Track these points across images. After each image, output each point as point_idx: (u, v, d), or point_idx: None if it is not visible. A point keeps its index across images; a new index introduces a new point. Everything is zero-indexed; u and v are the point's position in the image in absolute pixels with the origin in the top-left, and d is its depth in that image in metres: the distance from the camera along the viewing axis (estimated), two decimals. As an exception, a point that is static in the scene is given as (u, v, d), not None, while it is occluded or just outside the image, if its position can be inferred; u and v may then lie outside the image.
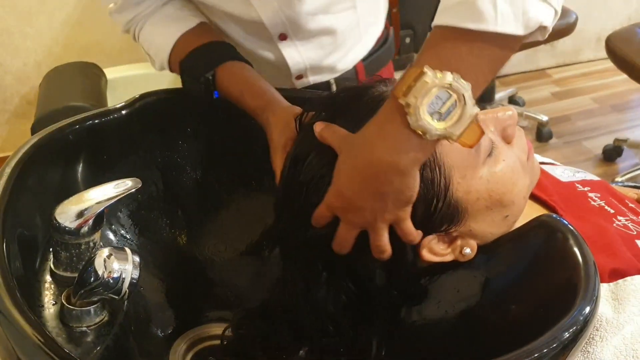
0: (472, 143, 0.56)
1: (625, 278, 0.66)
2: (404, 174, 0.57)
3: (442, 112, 0.54)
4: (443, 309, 0.69)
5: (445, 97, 0.54)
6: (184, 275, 0.83)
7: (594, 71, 3.11)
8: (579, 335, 0.54)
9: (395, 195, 0.59)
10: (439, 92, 0.54)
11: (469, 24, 0.54)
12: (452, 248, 0.66)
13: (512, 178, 0.65)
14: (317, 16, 0.92)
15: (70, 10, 2.19)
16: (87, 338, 0.62)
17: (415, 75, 0.54)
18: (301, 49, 0.94)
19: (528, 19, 0.55)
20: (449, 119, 0.55)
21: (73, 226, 0.63)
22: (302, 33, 0.93)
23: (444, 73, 0.54)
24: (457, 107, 0.54)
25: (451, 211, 0.64)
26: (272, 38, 0.92)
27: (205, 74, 0.83)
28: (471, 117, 0.55)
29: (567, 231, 0.63)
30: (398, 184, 0.58)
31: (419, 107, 0.54)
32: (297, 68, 0.96)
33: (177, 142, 0.86)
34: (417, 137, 0.55)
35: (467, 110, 0.54)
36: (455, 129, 0.55)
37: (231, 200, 0.87)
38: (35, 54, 2.22)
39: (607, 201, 0.79)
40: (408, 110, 0.54)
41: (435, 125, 0.54)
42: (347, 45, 0.98)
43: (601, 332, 0.63)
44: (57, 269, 0.66)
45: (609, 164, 2.49)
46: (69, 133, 0.76)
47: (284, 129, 0.72)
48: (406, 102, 0.54)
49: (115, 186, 0.65)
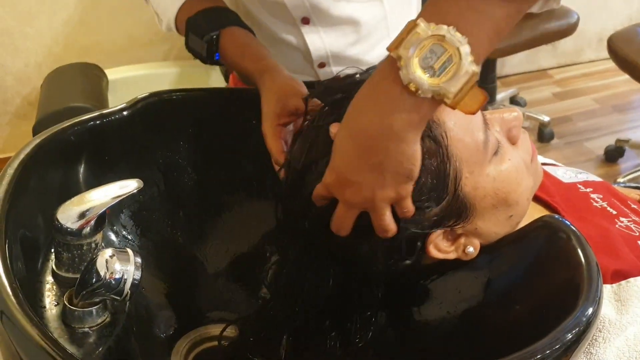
0: (473, 109, 0.52)
1: (629, 279, 0.66)
2: (399, 139, 0.54)
3: (436, 67, 0.51)
4: (445, 309, 0.69)
5: (439, 52, 0.50)
6: (185, 276, 0.83)
7: (595, 71, 3.11)
8: (582, 337, 0.54)
9: (393, 166, 0.55)
10: (432, 46, 0.50)
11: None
12: (455, 246, 0.66)
13: (517, 178, 0.65)
14: (339, 3, 0.92)
15: (71, 10, 2.19)
16: (89, 339, 0.61)
17: (409, 27, 0.51)
18: (323, 35, 0.95)
19: None
20: (444, 75, 0.51)
21: (75, 227, 0.63)
22: (325, 19, 0.93)
23: (439, 26, 0.50)
24: (452, 63, 0.51)
25: (459, 206, 0.63)
26: (295, 21, 0.93)
27: (210, 33, 0.84)
28: (467, 74, 0.51)
29: (570, 232, 0.63)
30: (394, 151, 0.54)
31: (410, 59, 0.50)
32: (318, 54, 0.96)
33: (179, 143, 0.86)
34: (410, 95, 0.51)
35: (462, 66, 0.50)
36: (450, 85, 0.51)
37: (232, 201, 0.87)
38: (36, 55, 2.22)
39: (609, 202, 0.79)
40: (399, 63, 0.51)
41: (428, 81, 0.50)
42: (373, 38, 0.98)
43: (604, 334, 0.62)
44: (59, 269, 0.66)
45: (610, 164, 2.49)
46: (71, 134, 0.76)
47: (281, 99, 0.72)
48: (397, 54, 0.51)
49: (116, 187, 0.65)
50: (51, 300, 0.64)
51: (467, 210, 0.64)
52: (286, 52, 0.96)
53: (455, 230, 0.65)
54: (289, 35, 0.96)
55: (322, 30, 0.94)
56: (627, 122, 2.78)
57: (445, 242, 0.66)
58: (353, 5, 0.93)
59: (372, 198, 0.57)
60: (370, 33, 0.97)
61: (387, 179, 0.56)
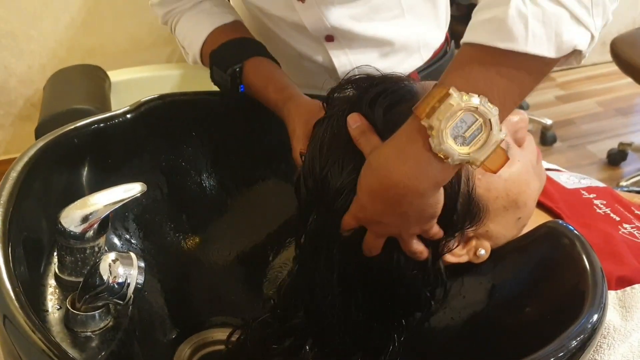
0: (495, 168, 0.54)
1: (634, 286, 0.66)
2: (423, 197, 0.56)
3: (467, 136, 0.52)
4: (449, 315, 0.68)
5: (470, 121, 0.52)
6: (188, 280, 0.83)
7: (598, 75, 3.10)
8: (587, 344, 0.54)
9: (418, 214, 0.58)
10: (464, 116, 0.51)
11: (497, 42, 0.51)
12: (467, 249, 0.66)
13: (526, 179, 0.65)
14: (362, 23, 0.91)
15: (74, 13, 2.19)
16: (92, 343, 0.61)
17: (440, 96, 0.52)
18: (349, 51, 0.94)
19: (561, 41, 0.52)
20: (474, 144, 0.52)
21: (78, 230, 0.63)
22: (349, 37, 0.92)
23: (470, 95, 0.51)
24: (483, 132, 0.52)
25: (473, 208, 0.63)
26: (318, 39, 0.93)
27: (233, 65, 0.84)
28: (497, 142, 0.53)
29: (574, 237, 0.63)
30: (418, 205, 0.57)
31: (443, 130, 0.51)
32: (343, 70, 0.95)
33: (182, 146, 0.86)
34: (439, 161, 0.53)
35: (492, 136, 0.52)
36: (480, 154, 0.53)
37: (236, 204, 0.87)
38: (40, 57, 2.22)
39: (612, 208, 0.79)
40: (431, 132, 0.52)
41: (458, 150, 0.52)
42: (400, 53, 0.97)
43: (608, 340, 0.62)
44: (62, 273, 0.66)
45: (613, 168, 2.48)
46: (74, 137, 0.76)
47: (309, 120, 0.72)
48: (429, 124, 0.52)
49: (120, 190, 0.65)
50: (54, 303, 0.64)
51: (480, 212, 0.64)
52: (311, 69, 0.96)
53: (467, 234, 0.65)
54: (314, 52, 0.95)
55: (347, 47, 0.93)
56: (630, 125, 2.77)
57: (458, 246, 0.66)
58: (376, 24, 0.92)
59: (400, 234, 0.61)
60: (397, 49, 0.96)
61: (412, 222, 0.59)
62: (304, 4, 0.87)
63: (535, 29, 0.51)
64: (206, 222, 0.86)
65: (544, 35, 0.51)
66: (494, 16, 0.52)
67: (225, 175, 0.87)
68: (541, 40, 0.51)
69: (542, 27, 0.51)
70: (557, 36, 0.52)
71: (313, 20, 0.89)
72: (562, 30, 0.52)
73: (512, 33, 0.51)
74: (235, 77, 0.84)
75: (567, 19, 0.51)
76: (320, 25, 0.90)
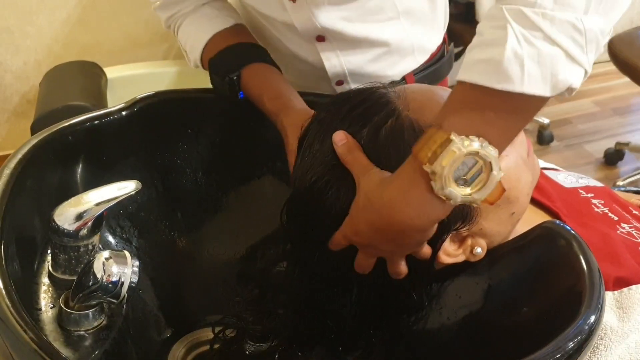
0: (492, 200, 0.56)
1: (631, 287, 0.65)
2: (422, 231, 0.58)
3: (468, 178, 0.53)
4: (445, 315, 0.68)
5: (471, 164, 0.53)
6: (183, 279, 0.82)
7: (595, 74, 3.08)
8: (584, 345, 0.54)
9: (413, 243, 0.61)
10: (465, 159, 0.53)
11: (494, 84, 0.52)
12: (463, 248, 0.66)
13: (516, 174, 0.65)
14: (354, 24, 0.90)
15: (70, 9, 2.18)
16: (85, 342, 0.61)
17: (441, 141, 0.53)
18: (340, 53, 0.93)
19: (557, 80, 0.52)
20: (475, 185, 0.54)
21: (72, 228, 0.63)
22: (340, 38, 0.91)
23: (471, 140, 0.52)
24: (483, 173, 0.54)
25: (464, 208, 0.63)
26: (310, 39, 0.92)
27: (231, 74, 0.83)
28: (496, 182, 0.54)
29: (571, 237, 0.63)
30: (415, 237, 0.59)
31: (446, 176, 0.53)
32: (334, 71, 0.95)
33: (177, 143, 0.85)
34: (441, 202, 0.55)
35: (493, 177, 0.54)
36: (480, 194, 0.54)
37: (231, 202, 0.87)
38: (36, 53, 2.21)
39: (610, 208, 0.79)
40: (433, 177, 0.53)
41: (460, 193, 0.54)
42: (394, 55, 0.96)
43: (605, 341, 0.62)
44: (56, 271, 0.65)
45: (610, 167, 2.48)
46: (69, 134, 0.75)
47: (297, 135, 0.71)
48: (432, 170, 0.53)
49: (114, 188, 0.64)
50: (47, 302, 0.64)
51: (471, 211, 0.64)
52: (304, 69, 0.95)
53: (461, 233, 0.65)
54: (305, 52, 0.94)
55: (339, 47, 0.93)
56: (627, 125, 2.77)
57: (453, 246, 0.66)
58: (369, 25, 0.91)
59: (391, 257, 0.63)
60: (391, 51, 0.95)
61: (405, 248, 0.61)
62: (294, 4, 0.86)
63: (531, 70, 0.51)
64: (201, 221, 0.85)
65: (540, 75, 0.51)
66: (491, 57, 0.52)
67: (221, 173, 0.87)
68: (537, 81, 0.51)
69: (538, 67, 0.51)
70: (553, 76, 0.52)
71: (303, 20, 0.88)
72: (558, 70, 0.52)
73: (508, 74, 0.51)
74: (233, 85, 0.84)
75: (563, 58, 0.52)
76: (310, 26, 0.89)
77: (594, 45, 0.53)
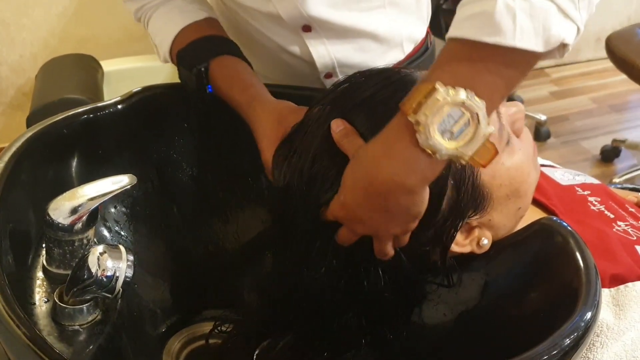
0: (484, 162, 0.53)
1: (627, 284, 0.65)
2: (411, 193, 0.55)
3: (454, 131, 0.52)
4: (441, 311, 0.68)
5: (457, 116, 0.51)
6: (178, 273, 0.82)
7: (592, 71, 3.11)
8: (580, 342, 0.54)
9: (403, 212, 0.57)
10: (451, 110, 0.51)
11: (485, 37, 0.51)
12: (470, 239, 0.66)
13: (527, 168, 0.65)
14: (341, 11, 0.89)
15: (67, 2, 2.18)
16: (80, 337, 0.61)
17: (427, 91, 0.51)
18: (327, 42, 0.92)
19: (549, 35, 0.51)
20: (461, 139, 0.52)
21: (66, 222, 0.63)
22: (327, 27, 0.90)
23: (457, 90, 0.51)
24: (470, 126, 0.52)
25: (477, 196, 0.63)
26: (296, 30, 0.90)
27: (198, 65, 0.81)
28: (484, 137, 0.52)
29: (568, 234, 0.63)
30: (404, 202, 0.56)
31: (430, 125, 0.51)
32: (322, 62, 0.93)
33: (174, 138, 0.85)
34: (427, 156, 0.52)
35: (480, 130, 0.52)
36: (467, 149, 0.52)
37: (228, 197, 0.86)
38: (32, 46, 2.20)
39: (607, 205, 0.79)
40: (418, 128, 0.51)
41: (446, 145, 0.51)
42: (383, 45, 0.95)
43: (602, 338, 0.62)
44: (50, 265, 0.65)
45: (606, 164, 2.49)
46: (63, 127, 0.75)
47: (281, 121, 0.71)
48: (416, 119, 0.51)
49: (109, 182, 0.64)
50: (41, 296, 0.63)
51: (484, 200, 0.63)
52: (290, 61, 0.93)
53: (470, 223, 0.65)
54: (291, 44, 0.92)
55: (326, 37, 0.91)
56: (624, 122, 2.78)
57: (461, 236, 0.65)
58: (355, 14, 0.90)
59: (378, 233, 0.60)
60: (378, 41, 0.94)
61: (395, 220, 0.58)
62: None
63: (523, 23, 0.50)
64: (197, 215, 0.85)
65: (532, 29, 0.51)
66: (482, 10, 0.51)
67: (217, 167, 0.86)
68: (529, 35, 0.51)
69: (530, 21, 0.50)
70: (545, 30, 0.51)
71: (289, 9, 0.86)
72: (550, 24, 0.51)
73: (499, 27, 0.50)
74: (200, 77, 0.81)
75: (555, 12, 0.51)
76: (296, 14, 0.87)
77: (585, 2, 0.52)
